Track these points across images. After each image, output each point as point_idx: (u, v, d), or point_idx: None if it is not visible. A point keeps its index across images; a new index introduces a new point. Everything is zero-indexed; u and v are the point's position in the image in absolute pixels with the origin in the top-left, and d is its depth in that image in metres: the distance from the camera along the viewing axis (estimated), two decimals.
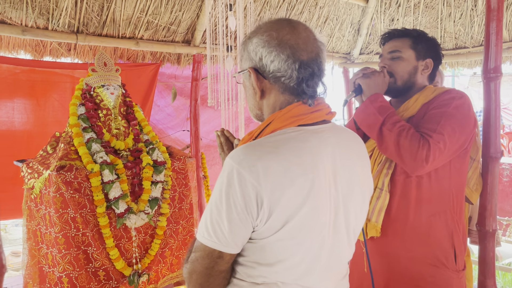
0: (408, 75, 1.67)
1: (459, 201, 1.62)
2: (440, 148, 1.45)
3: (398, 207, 1.60)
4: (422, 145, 1.45)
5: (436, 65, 1.72)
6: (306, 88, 1.00)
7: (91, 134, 2.26)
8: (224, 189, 0.92)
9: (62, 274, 2.05)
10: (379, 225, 1.61)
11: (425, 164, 1.45)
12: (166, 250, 2.42)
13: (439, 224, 1.57)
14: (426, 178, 1.56)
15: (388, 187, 1.60)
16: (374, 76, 1.64)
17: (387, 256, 1.62)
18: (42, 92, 3.11)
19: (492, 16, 1.78)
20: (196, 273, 0.98)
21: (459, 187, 1.61)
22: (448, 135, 1.47)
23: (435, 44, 1.71)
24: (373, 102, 1.59)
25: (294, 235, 0.94)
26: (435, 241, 1.56)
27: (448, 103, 1.54)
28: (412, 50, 1.66)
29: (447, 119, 1.50)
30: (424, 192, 1.57)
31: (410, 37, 1.68)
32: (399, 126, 1.51)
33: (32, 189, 2.15)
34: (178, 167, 2.51)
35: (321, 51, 1.03)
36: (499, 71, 1.80)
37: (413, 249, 1.58)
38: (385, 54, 1.72)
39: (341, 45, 4.45)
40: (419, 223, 1.57)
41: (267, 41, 1.00)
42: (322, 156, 0.99)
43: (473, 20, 3.70)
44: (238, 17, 2.58)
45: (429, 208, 1.57)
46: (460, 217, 1.61)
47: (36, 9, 2.65)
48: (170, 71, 4.01)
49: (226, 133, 1.26)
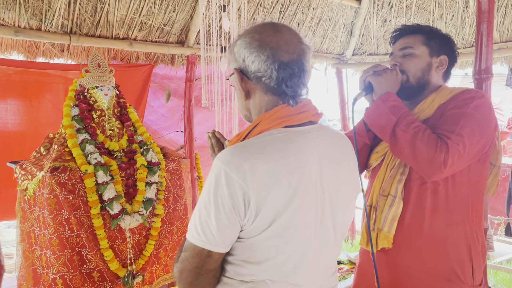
0: (421, 73, 1.54)
1: (478, 210, 1.49)
2: (459, 150, 1.33)
3: (412, 216, 1.48)
4: (440, 148, 1.32)
5: (452, 62, 1.59)
6: (286, 88, 1.02)
7: (85, 135, 2.26)
8: (212, 189, 0.94)
9: (56, 276, 2.05)
10: (391, 235, 1.50)
11: (443, 168, 1.33)
12: (160, 251, 2.42)
13: (457, 234, 1.44)
14: (443, 185, 1.44)
15: (401, 194, 1.49)
16: (386, 73, 1.51)
17: (398, 268, 1.51)
18: (35, 93, 3.10)
19: (483, 18, 1.81)
20: (186, 272, 1.00)
21: (478, 194, 1.48)
22: (468, 137, 1.34)
23: (449, 40, 1.58)
24: (385, 102, 1.46)
25: (281, 233, 0.96)
26: (452, 253, 1.44)
27: (467, 103, 1.41)
28: (425, 46, 1.54)
29: (466, 119, 1.37)
30: (441, 200, 1.45)
31: (422, 33, 1.55)
32: (414, 126, 1.39)
33: (25, 190, 2.14)
34: (173, 168, 2.52)
35: (305, 53, 1.04)
36: (490, 72, 1.82)
37: (427, 261, 1.46)
38: (396, 51, 1.60)
39: (334, 46, 4.47)
40: (434, 233, 1.45)
41: (249, 42, 1.03)
42: (308, 156, 1.01)
43: (464, 21, 3.74)
44: (232, 18, 2.59)
45: (446, 217, 1.45)
46: (480, 227, 1.49)
47: (29, 10, 2.64)
48: (164, 72, 4.01)
49: (217, 134, 1.30)
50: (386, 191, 1.53)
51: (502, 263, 4.25)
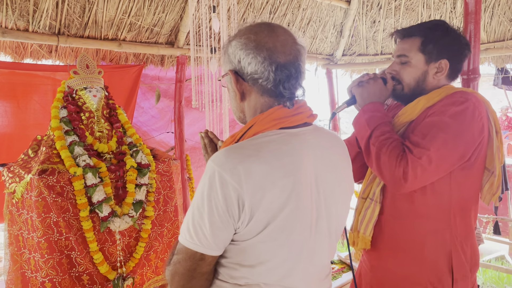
0: (415, 83, 1.49)
1: (465, 220, 1.43)
2: (422, 164, 1.30)
3: (389, 221, 1.48)
4: (399, 162, 1.32)
5: (457, 62, 1.50)
6: (283, 90, 1.01)
7: (74, 137, 2.23)
8: (206, 192, 0.93)
9: (45, 279, 2.02)
10: (367, 237, 1.51)
11: (403, 182, 1.31)
12: (151, 253, 2.41)
13: (435, 242, 1.41)
14: (420, 192, 1.41)
15: (379, 198, 1.49)
16: (369, 84, 1.49)
17: (379, 270, 1.52)
18: (22, 94, 3.06)
19: (470, 19, 1.83)
20: (178, 275, 0.99)
21: (464, 203, 1.43)
22: (436, 149, 1.30)
23: (453, 39, 1.47)
24: (365, 113, 1.46)
25: (276, 236, 0.95)
26: (429, 261, 1.42)
27: (445, 110, 1.36)
28: (421, 54, 1.46)
29: (439, 129, 1.33)
30: (418, 207, 1.42)
31: (418, 37, 1.47)
32: (383, 139, 1.38)
33: (13, 193, 2.12)
34: (163, 169, 2.50)
35: (300, 54, 1.04)
36: (477, 72, 1.84)
37: (405, 266, 1.46)
38: (395, 57, 1.55)
39: (324, 47, 4.49)
40: (412, 239, 1.44)
41: (245, 43, 1.01)
42: (303, 159, 1.00)
43: (452, 22, 3.78)
44: (222, 19, 2.58)
45: (424, 225, 1.42)
46: (467, 237, 1.44)
47: (16, 11, 2.61)
48: (153, 72, 3.99)
49: (210, 134, 1.27)
50: (366, 193, 1.54)
51: (491, 261, 4.30)
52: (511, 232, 4.19)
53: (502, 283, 3.96)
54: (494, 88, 8.89)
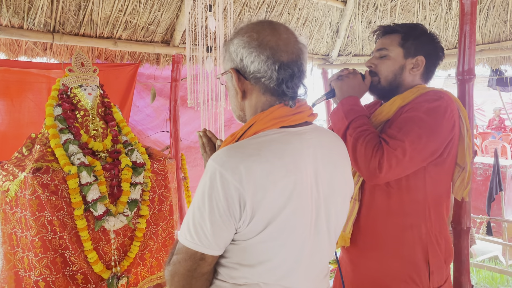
0: (392, 75, 1.56)
1: (438, 214, 1.49)
2: (397, 156, 1.35)
3: (367, 218, 1.51)
4: (375, 152, 1.36)
5: (432, 63, 1.58)
6: (286, 89, 1.01)
7: (68, 136, 2.22)
8: (207, 191, 0.92)
9: (38, 278, 2.01)
10: (347, 235, 1.54)
11: (378, 172, 1.36)
12: (145, 252, 2.40)
13: (412, 237, 1.46)
14: (396, 188, 1.45)
15: (358, 196, 1.52)
16: (348, 78, 1.55)
17: (358, 267, 1.56)
18: (17, 92, 3.04)
19: (465, 20, 1.83)
20: (178, 275, 0.98)
21: (437, 198, 1.48)
22: (410, 142, 1.36)
23: (430, 39, 1.57)
24: (343, 106, 1.51)
25: (276, 236, 0.95)
26: (407, 256, 1.46)
27: (419, 107, 1.43)
28: (400, 48, 1.54)
29: (414, 124, 1.39)
30: (394, 203, 1.47)
31: (399, 33, 1.56)
32: (359, 131, 1.42)
33: (7, 191, 2.10)
34: (158, 168, 2.49)
35: (302, 52, 1.03)
36: (472, 73, 1.85)
37: (384, 262, 1.50)
38: (374, 52, 1.63)
39: (320, 47, 4.49)
40: (389, 236, 1.49)
41: (248, 42, 1.00)
42: (304, 158, 1.00)
43: (448, 23, 3.79)
44: (218, 18, 2.58)
45: (401, 221, 1.47)
46: (441, 231, 1.50)
47: (10, 8, 2.59)
48: (149, 71, 3.98)
49: (208, 133, 1.26)
50: None
51: (485, 261, 4.32)
52: (505, 233, 4.21)
53: (495, 283, 3.98)
54: (489, 89, 8.94)
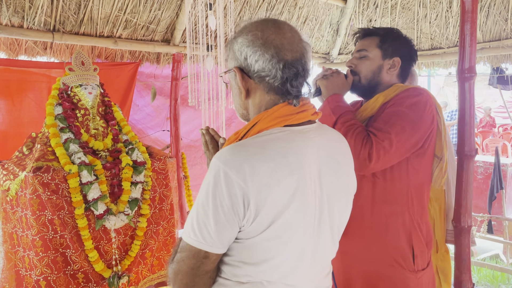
0: (371, 74, 1.68)
1: (420, 201, 1.61)
2: (384, 147, 1.45)
3: (355, 207, 1.53)
4: (365, 144, 1.46)
5: (407, 64, 1.72)
6: (291, 88, 1.01)
7: (69, 135, 2.22)
8: (211, 190, 0.92)
9: (39, 277, 2.01)
10: None
11: (368, 162, 1.45)
12: (146, 251, 2.40)
13: (396, 224, 1.56)
14: (381, 178, 1.56)
15: None
16: (333, 77, 1.67)
17: (347, 255, 1.61)
18: (17, 92, 3.04)
19: (466, 18, 1.82)
20: (181, 273, 0.98)
21: (419, 187, 1.60)
22: (396, 133, 1.47)
23: (405, 42, 1.71)
24: (330, 103, 1.62)
25: (280, 234, 0.95)
26: (392, 241, 1.56)
27: (402, 102, 1.54)
28: (378, 49, 1.67)
29: (398, 117, 1.50)
30: (380, 192, 1.56)
31: (378, 36, 1.69)
32: (348, 124, 1.52)
33: (7, 191, 2.10)
34: (158, 167, 2.49)
35: (306, 51, 1.03)
36: (473, 71, 1.84)
37: (371, 249, 1.59)
38: (354, 53, 1.74)
39: (321, 45, 4.49)
40: (375, 223, 1.58)
41: (252, 40, 1.00)
42: (307, 156, 1.00)
43: (448, 21, 3.79)
44: (218, 17, 2.58)
45: (385, 209, 1.57)
46: (422, 217, 1.61)
47: (10, 7, 2.59)
48: (149, 70, 3.97)
49: (211, 131, 1.25)
50: None
51: (485, 260, 4.32)
52: (506, 231, 4.21)
53: (496, 282, 3.98)
54: (489, 87, 8.93)
